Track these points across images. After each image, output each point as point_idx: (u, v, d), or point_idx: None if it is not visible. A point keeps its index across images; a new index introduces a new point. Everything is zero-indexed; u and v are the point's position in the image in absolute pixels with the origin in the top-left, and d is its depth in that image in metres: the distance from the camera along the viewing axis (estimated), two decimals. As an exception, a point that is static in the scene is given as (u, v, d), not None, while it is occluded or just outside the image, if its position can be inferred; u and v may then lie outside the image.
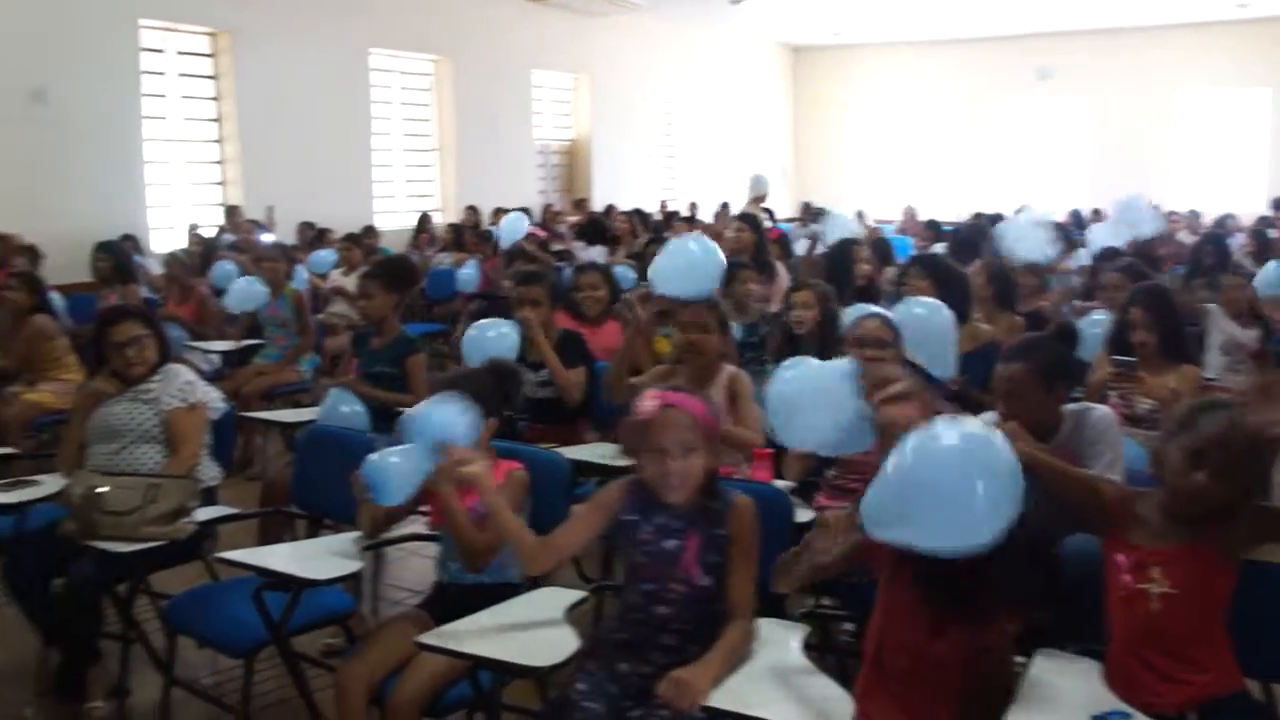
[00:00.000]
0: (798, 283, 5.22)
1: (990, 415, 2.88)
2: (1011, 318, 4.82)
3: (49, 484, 3.58)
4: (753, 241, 6.69)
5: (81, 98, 8.76)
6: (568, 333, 4.53)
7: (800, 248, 8.31)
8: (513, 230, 8.85)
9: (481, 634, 2.41)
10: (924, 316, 3.75)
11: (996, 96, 17.76)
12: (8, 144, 8.25)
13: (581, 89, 15.00)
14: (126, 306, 4.02)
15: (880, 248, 7.48)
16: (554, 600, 2.60)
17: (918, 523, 1.96)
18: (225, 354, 6.41)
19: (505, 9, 13.16)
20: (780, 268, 6.87)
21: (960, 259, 5.87)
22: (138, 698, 3.45)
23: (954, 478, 1.93)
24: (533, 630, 2.44)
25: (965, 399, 3.69)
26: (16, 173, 8.24)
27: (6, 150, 8.24)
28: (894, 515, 2.00)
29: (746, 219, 7.21)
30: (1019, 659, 2.29)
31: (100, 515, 3.09)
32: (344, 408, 4.06)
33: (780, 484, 3.20)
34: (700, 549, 2.39)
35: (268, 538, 4.01)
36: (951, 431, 1.98)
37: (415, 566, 4.49)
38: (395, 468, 2.67)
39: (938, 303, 3.91)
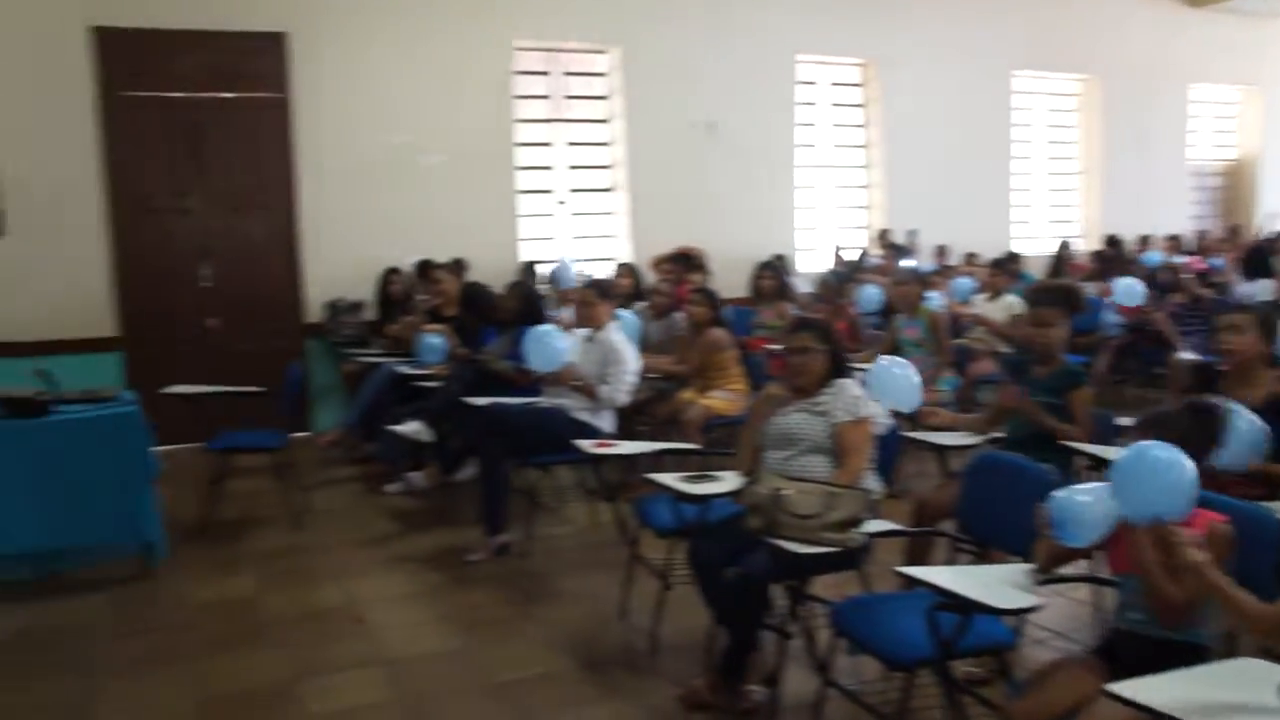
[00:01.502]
0: None
1: None
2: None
3: (726, 480, 3.97)
4: None
5: (745, 129, 9.67)
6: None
7: None
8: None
9: (1177, 694, 2.24)
10: None
11: None
12: (691, 171, 9.36)
13: (1251, 103, 13.56)
14: (810, 319, 4.33)
15: None
16: (1264, 675, 2.34)
17: None
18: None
19: (1162, 20, 12.30)
20: None
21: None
22: (787, 690, 3.68)
23: None
24: (1240, 703, 2.23)
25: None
26: (696, 197, 9.34)
27: (690, 177, 9.36)
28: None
29: None
30: None
31: (783, 515, 3.35)
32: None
33: None
34: None
35: (915, 557, 4.10)
36: None
37: (1057, 604, 4.36)
38: (1086, 509, 2.58)
39: None
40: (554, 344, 5.38)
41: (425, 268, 7.67)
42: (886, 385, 4.79)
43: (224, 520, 5.96)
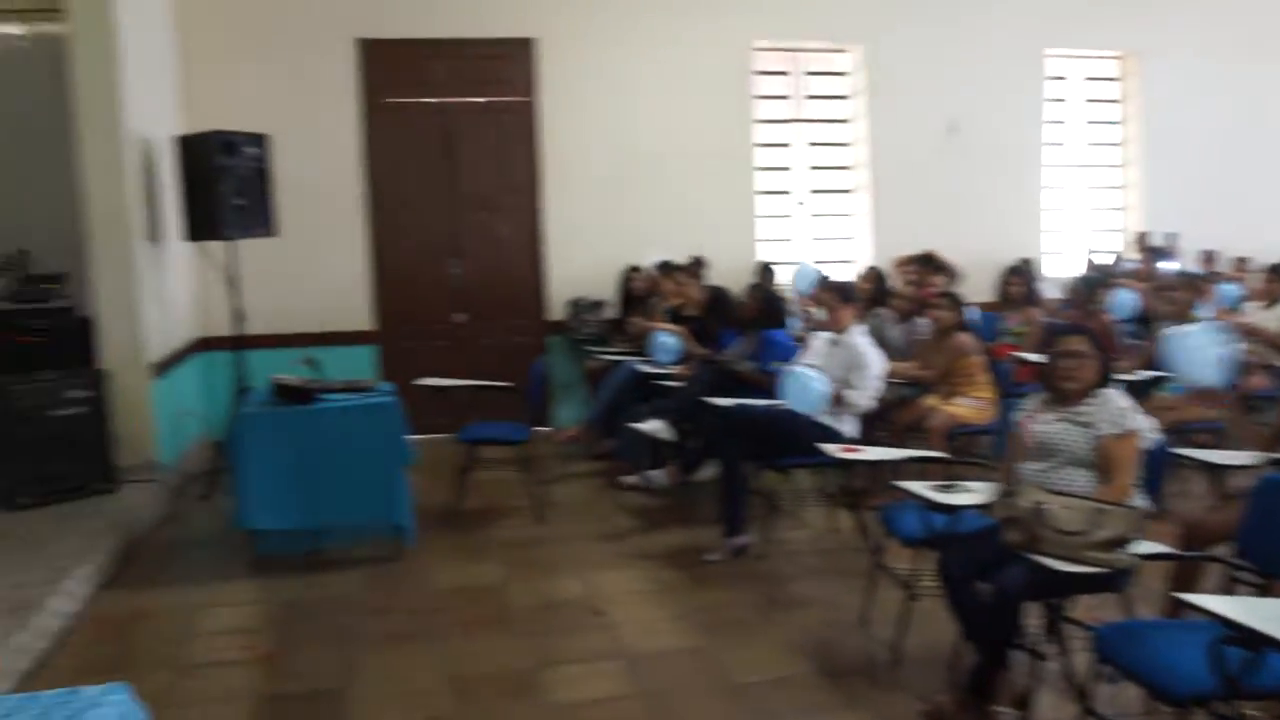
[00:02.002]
0: None
1: None
2: None
3: (979, 490, 3.83)
4: None
5: (991, 127, 9.32)
6: None
7: None
8: None
9: None
10: None
11: None
12: (931, 173, 9.11)
13: None
14: (1082, 325, 4.16)
15: None
16: None
17: None
18: (1127, 384, 6.29)
19: None
20: None
21: None
22: (1039, 715, 3.52)
23: None
24: None
25: None
26: (939, 199, 9.07)
27: (930, 178, 9.10)
28: None
29: None
30: None
31: (1045, 531, 3.20)
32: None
33: None
34: None
35: (1182, 583, 3.84)
36: None
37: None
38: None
39: None
40: (814, 387, 5.29)
41: (666, 267, 7.77)
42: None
43: (470, 509, 6.21)
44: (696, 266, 8.03)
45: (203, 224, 6.66)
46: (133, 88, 6.58)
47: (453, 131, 8.26)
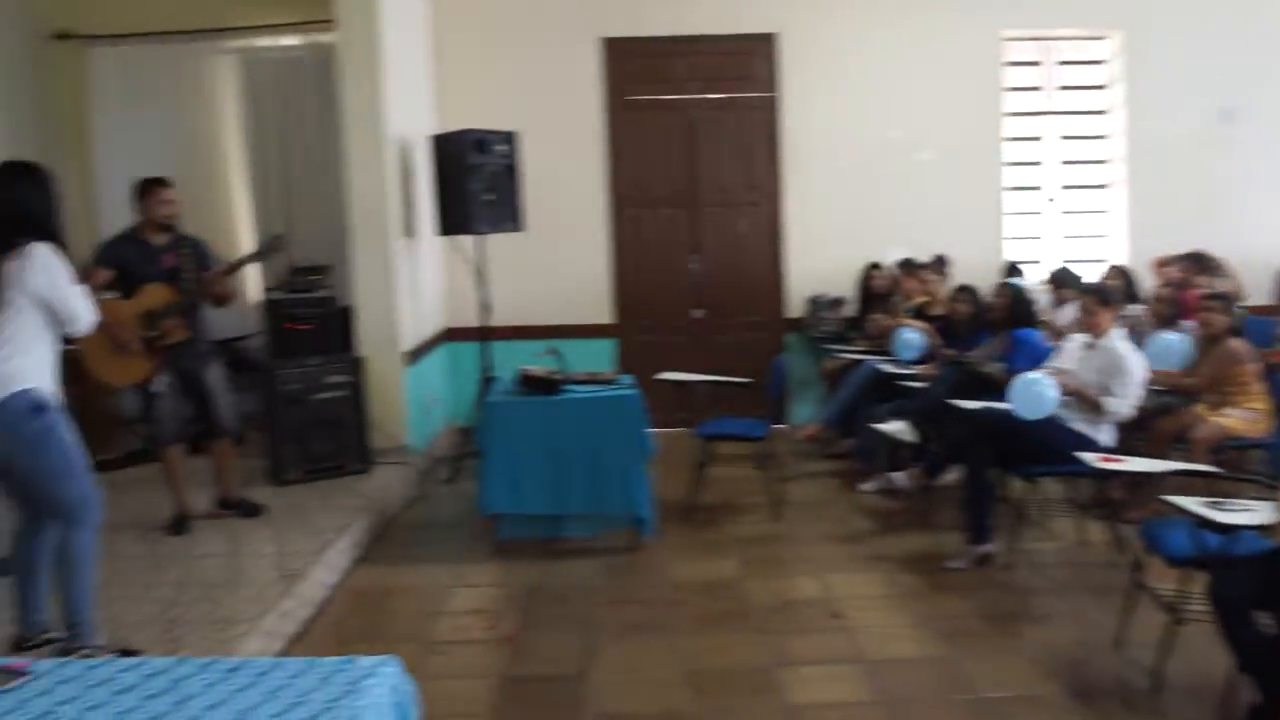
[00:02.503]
0: None
1: None
2: None
3: (1255, 509, 3.55)
4: None
5: (1272, 114, 8.61)
6: None
7: None
8: None
9: None
10: None
11: None
12: (1197, 166, 8.51)
13: None
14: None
15: None
16: None
17: None
18: None
19: None
20: None
21: None
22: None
23: None
24: None
25: None
26: (1200, 194, 8.47)
27: (1195, 172, 8.51)
28: None
29: None
30: None
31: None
32: None
33: None
34: None
35: None
36: None
37: None
38: None
39: None
40: (1043, 392, 5.04)
41: (908, 265, 7.58)
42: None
43: (707, 504, 6.25)
44: (940, 265, 7.80)
45: (454, 219, 6.97)
46: (393, 91, 6.95)
47: (694, 127, 8.33)
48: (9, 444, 3.82)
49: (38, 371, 3.83)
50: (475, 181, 6.78)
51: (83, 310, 3.92)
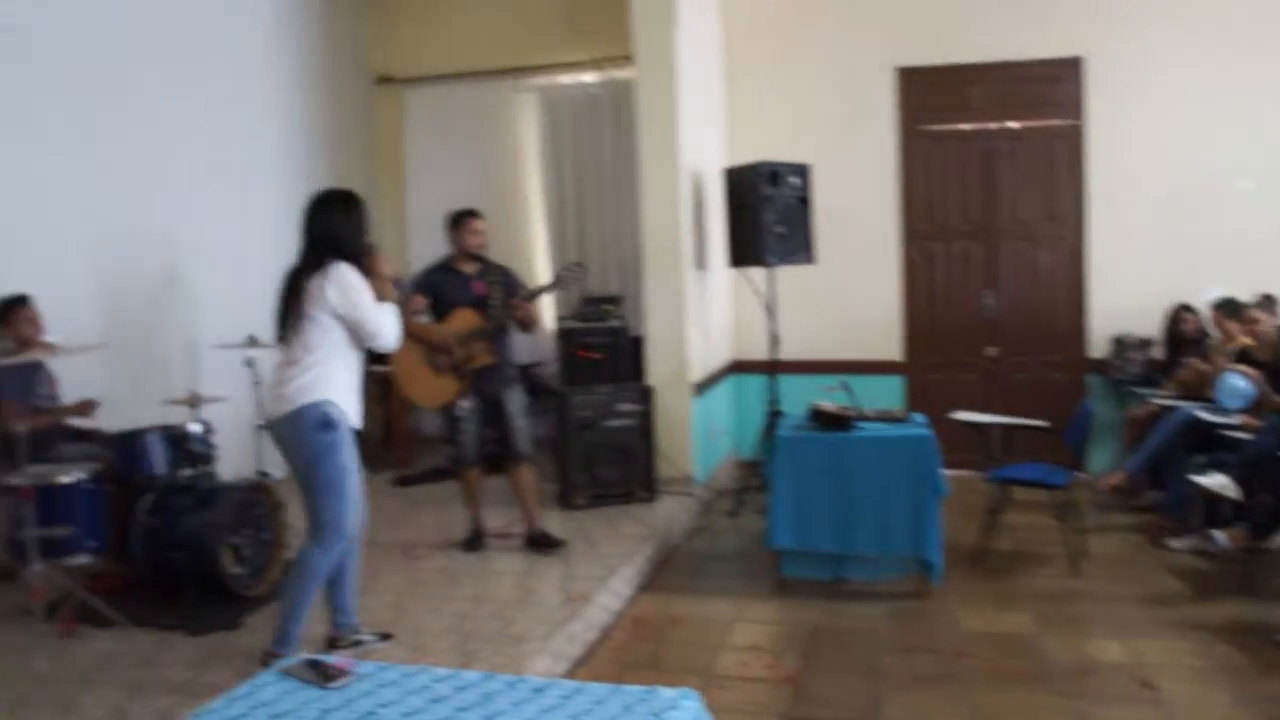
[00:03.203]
0: None
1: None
2: None
3: None
4: None
5: None
6: None
7: None
8: None
9: None
10: None
11: None
12: None
13: None
14: None
15: None
16: None
17: None
18: None
19: None
20: None
21: None
22: None
23: None
24: None
25: None
26: None
27: None
28: None
29: None
30: None
31: None
32: None
33: None
34: None
35: None
36: None
37: None
38: None
39: None
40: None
41: (1229, 306, 6.99)
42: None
43: (999, 551, 6.00)
44: (1270, 304, 7.15)
45: (745, 251, 7.05)
46: (688, 124, 7.13)
47: (990, 157, 8.06)
48: (292, 452, 4.11)
49: (333, 387, 4.08)
50: (767, 213, 6.83)
51: (385, 327, 4.16)
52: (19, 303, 5.42)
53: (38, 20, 5.87)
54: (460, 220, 5.78)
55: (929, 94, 8.13)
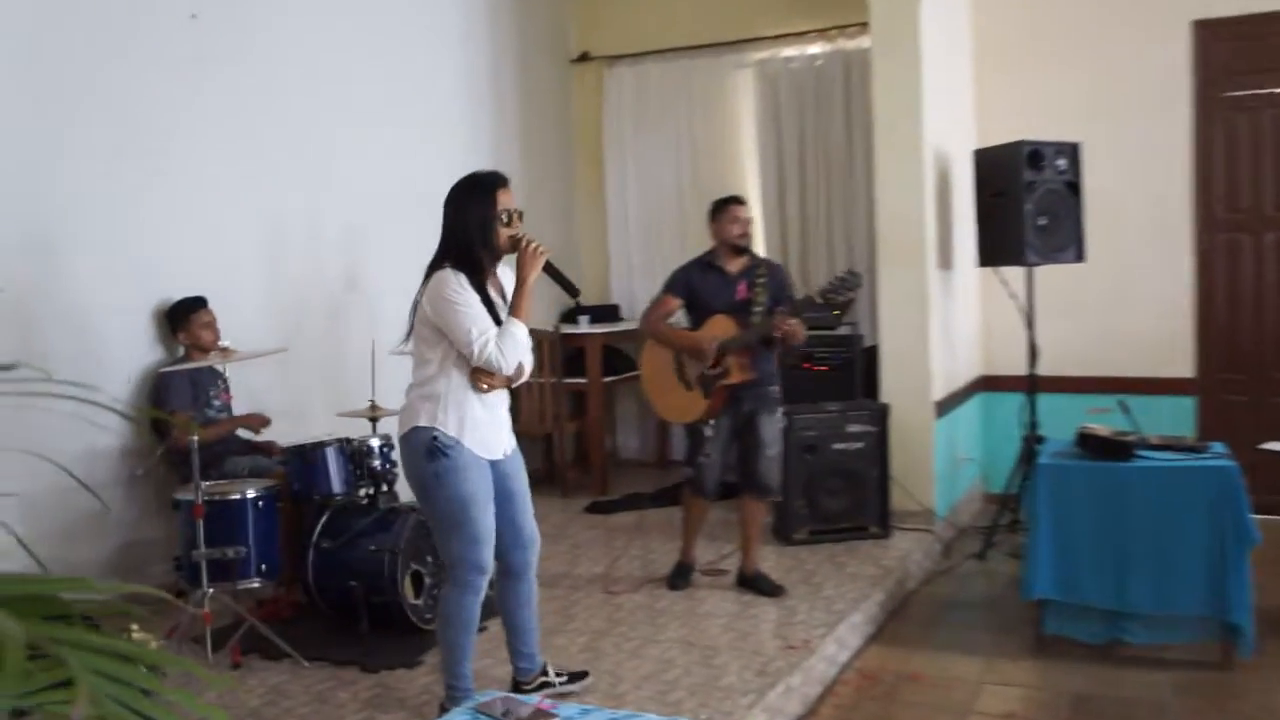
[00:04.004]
0: None
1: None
2: None
3: None
4: None
5: None
6: None
7: None
8: None
9: None
10: None
11: None
12: None
13: None
14: None
15: None
16: None
17: None
18: None
19: None
20: None
21: None
22: None
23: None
24: None
25: None
26: None
27: None
28: None
29: None
30: None
31: None
32: None
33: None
34: None
35: None
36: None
37: None
38: None
39: None
40: None
41: None
42: None
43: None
44: None
45: (999, 247, 6.65)
46: (932, 97, 6.77)
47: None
48: (410, 481, 4.02)
49: (440, 409, 3.90)
50: (1028, 202, 6.39)
51: (478, 345, 3.84)
52: (197, 304, 5.55)
53: (218, 8, 5.98)
54: (720, 208, 5.55)
55: (1234, 51, 7.35)
